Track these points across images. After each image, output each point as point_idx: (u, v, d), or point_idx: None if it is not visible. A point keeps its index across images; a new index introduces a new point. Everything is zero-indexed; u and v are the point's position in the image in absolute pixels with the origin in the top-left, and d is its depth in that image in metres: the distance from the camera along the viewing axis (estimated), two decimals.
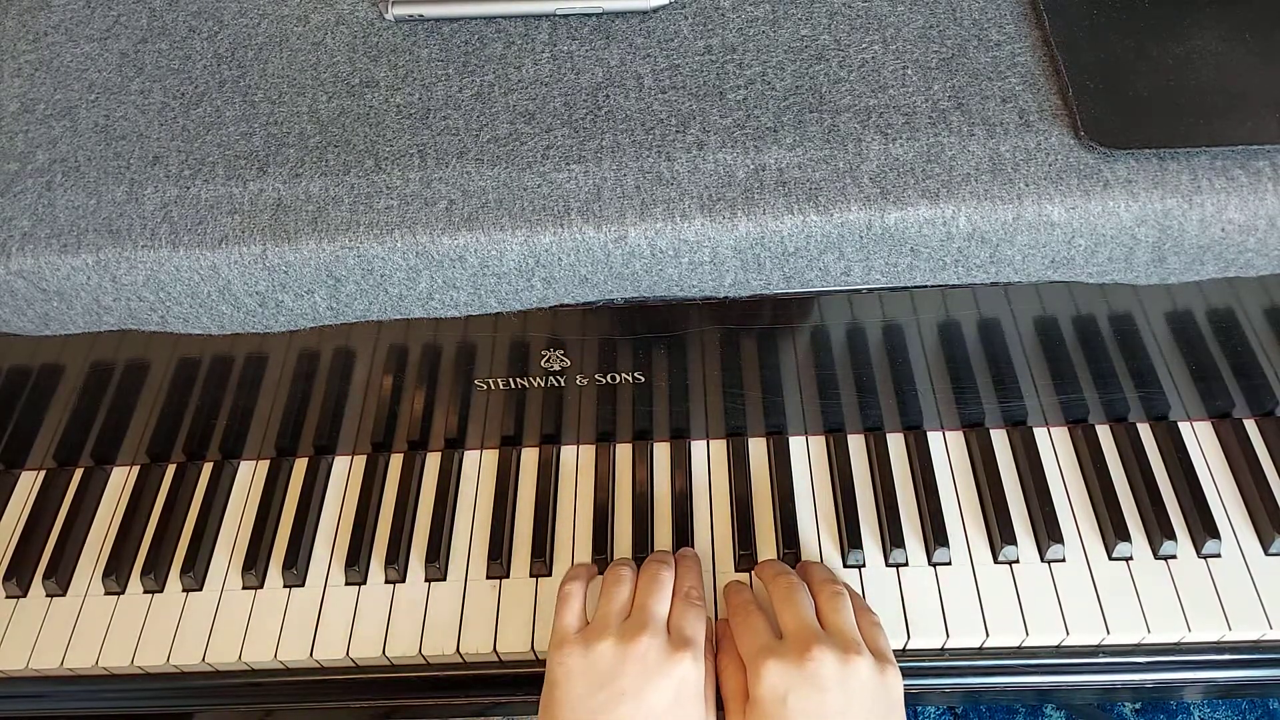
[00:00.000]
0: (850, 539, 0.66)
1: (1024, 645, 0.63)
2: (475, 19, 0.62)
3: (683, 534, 0.67)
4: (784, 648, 0.54)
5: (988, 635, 0.62)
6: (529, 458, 0.71)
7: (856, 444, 0.70)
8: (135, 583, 0.67)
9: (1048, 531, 0.64)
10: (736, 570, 0.65)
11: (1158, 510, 0.65)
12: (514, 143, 0.55)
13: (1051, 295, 0.59)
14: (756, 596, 0.61)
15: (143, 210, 0.54)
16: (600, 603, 0.59)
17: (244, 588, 0.67)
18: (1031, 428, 0.70)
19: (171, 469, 0.72)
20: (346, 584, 0.66)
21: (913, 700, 0.57)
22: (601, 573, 0.65)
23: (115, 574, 0.67)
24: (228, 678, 0.65)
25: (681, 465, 0.70)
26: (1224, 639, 0.62)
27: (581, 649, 0.55)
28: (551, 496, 0.69)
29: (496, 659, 0.64)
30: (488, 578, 0.66)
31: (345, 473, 0.72)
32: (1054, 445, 0.70)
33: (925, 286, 0.57)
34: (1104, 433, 0.70)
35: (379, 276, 0.54)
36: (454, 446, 0.71)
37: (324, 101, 0.58)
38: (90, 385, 0.65)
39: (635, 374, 0.64)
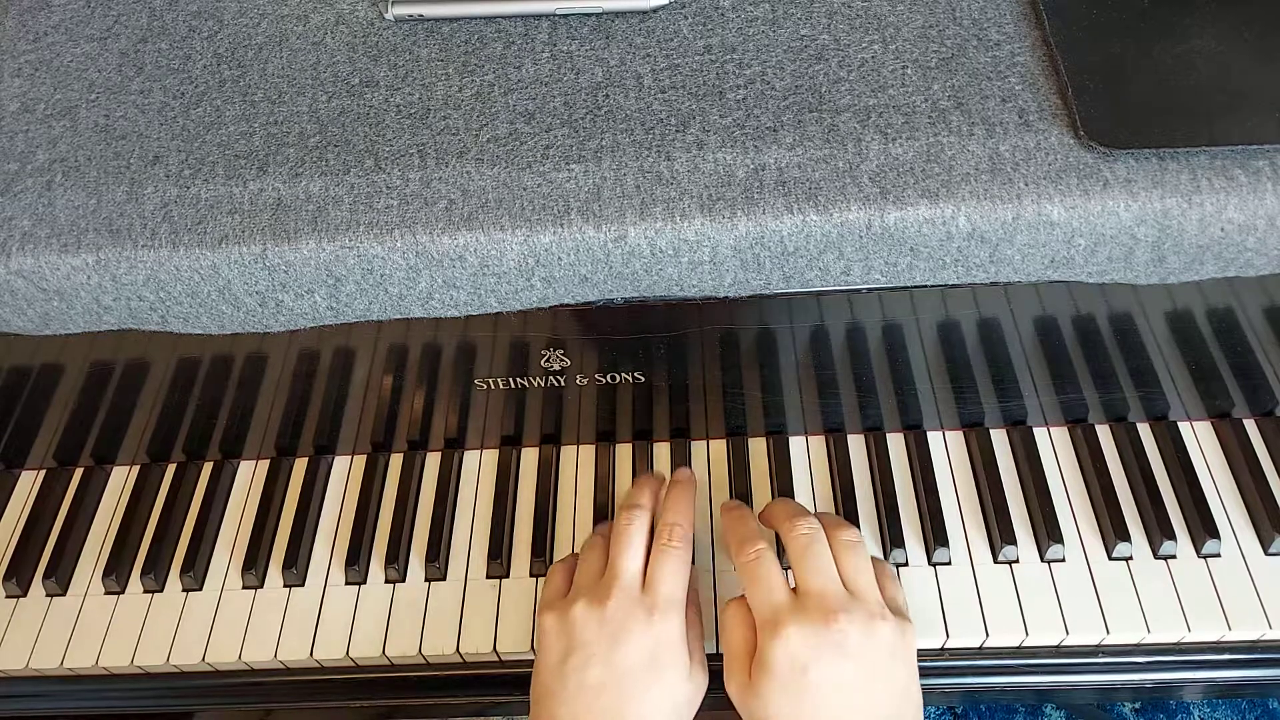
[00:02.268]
0: None
1: (1024, 645, 0.63)
2: (475, 19, 0.62)
3: None
4: (805, 612, 0.50)
5: (987, 635, 0.62)
6: (529, 458, 0.71)
7: (856, 444, 0.70)
8: (135, 582, 0.67)
9: (1048, 531, 0.64)
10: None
11: (1157, 510, 0.65)
12: (514, 142, 0.55)
13: (1051, 295, 0.59)
14: (761, 531, 0.57)
15: (143, 210, 0.54)
16: (579, 566, 0.59)
17: (244, 588, 0.67)
18: (1031, 428, 0.70)
19: (171, 469, 0.72)
20: (346, 584, 0.66)
21: None
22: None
23: (115, 574, 0.67)
24: (228, 678, 0.65)
25: (682, 465, 0.70)
26: (1224, 639, 0.62)
27: (557, 614, 0.56)
28: (551, 496, 0.69)
29: (496, 659, 0.64)
30: (488, 577, 0.66)
31: (345, 472, 0.72)
32: (1054, 445, 0.69)
33: (925, 286, 0.56)
34: (1104, 433, 0.69)
35: (379, 276, 0.54)
36: (454, 446, 0.71)
37: (324, 101, 0.58)
38: (90, 385, 0.65)
39: (635, 374, 0.64)
